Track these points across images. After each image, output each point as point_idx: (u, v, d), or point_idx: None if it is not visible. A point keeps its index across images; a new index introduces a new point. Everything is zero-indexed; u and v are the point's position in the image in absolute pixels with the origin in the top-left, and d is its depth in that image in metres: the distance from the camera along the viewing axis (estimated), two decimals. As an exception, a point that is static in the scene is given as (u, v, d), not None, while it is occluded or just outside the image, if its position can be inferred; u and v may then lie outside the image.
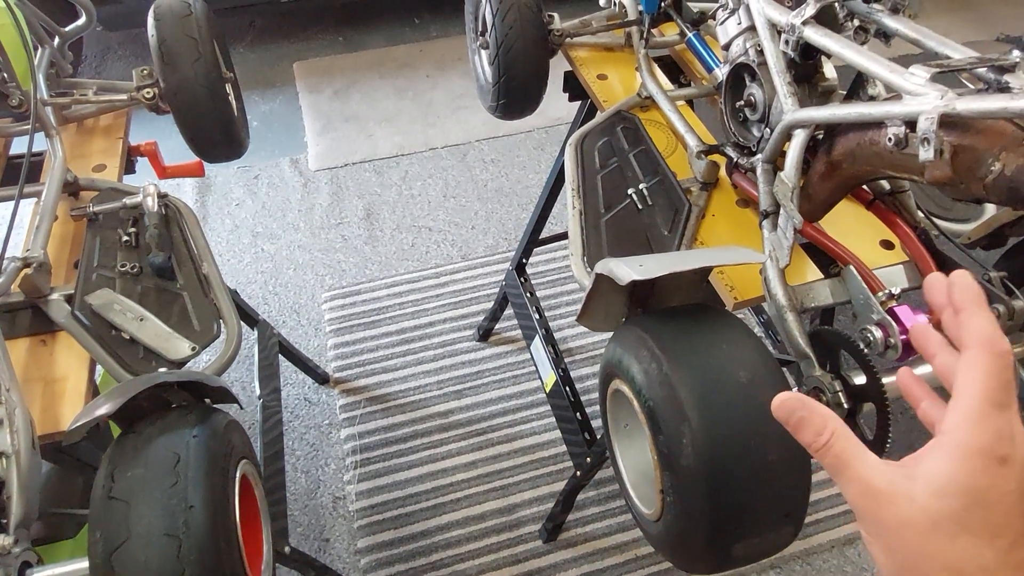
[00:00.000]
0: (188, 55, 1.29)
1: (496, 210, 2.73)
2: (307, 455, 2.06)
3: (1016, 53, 2.34)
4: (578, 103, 1.66)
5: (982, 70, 0.86)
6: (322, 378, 2.20)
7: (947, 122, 0.80)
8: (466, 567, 1.84)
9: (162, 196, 1.20)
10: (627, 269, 0.86)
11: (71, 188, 1.24)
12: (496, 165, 2.90)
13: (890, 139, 0.87)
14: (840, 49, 0.94)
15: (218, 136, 1.38)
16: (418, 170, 2.89)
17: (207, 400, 0.96)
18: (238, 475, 0.84)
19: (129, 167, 1.48)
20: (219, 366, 1.02)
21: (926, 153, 0.79)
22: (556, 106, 1.56)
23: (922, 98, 0.81)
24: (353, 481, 1.99)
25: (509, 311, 2.22)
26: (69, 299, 1.08)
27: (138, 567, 0.70)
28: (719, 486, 0.77)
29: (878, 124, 0.91)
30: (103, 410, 0.79)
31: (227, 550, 0.75)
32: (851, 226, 1.20)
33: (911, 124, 0.84)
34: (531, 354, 1.96)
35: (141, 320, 1.03)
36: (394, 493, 1.97)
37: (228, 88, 1.50)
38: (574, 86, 1.61)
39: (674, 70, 1.62)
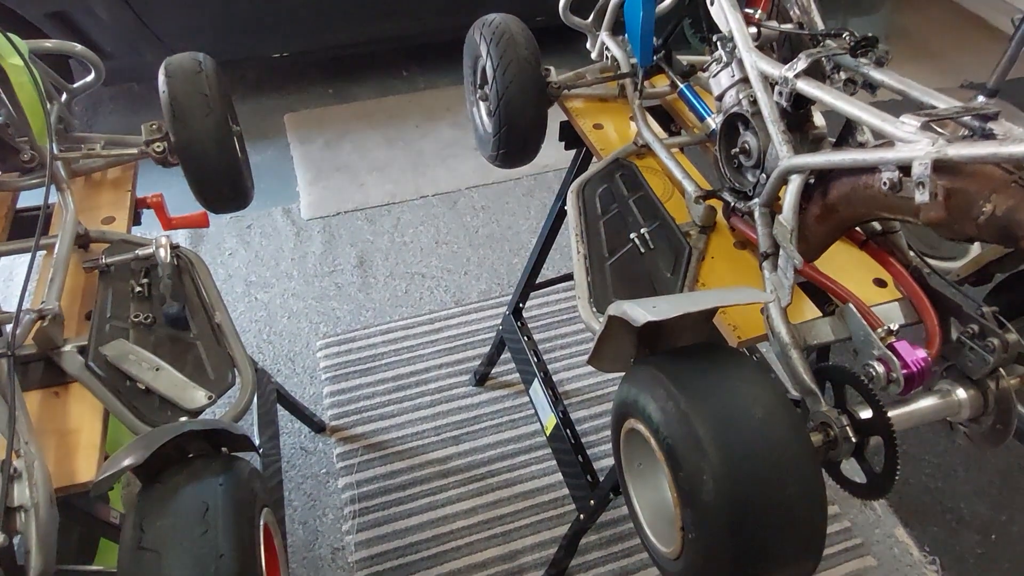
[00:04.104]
0: (199, 111, 1.32)
1: (488, 256, 2.76)
2: (305, 505, 2.03)
3: (980, 99, 2.50)
4: (573, 151, 1.71)
5: (967, 118, 0.91)
6: (318, 426, 2.19)
7: (939, 167, 0.85)
8: (469, 617, 1.81)
9: (174, 247, 1.21)
10: (641, 311, 0.88)
11: (82, 240, 1.26)
12: (486, 212, 2.95)
13: (885, 183, 0.92)
14: (833, 100, 1.00)
15: (226, 188, 1.40)
16: (410, 218, 2.93)
17: (224, 448, 0.97)
18: (262, 523, 0.84)
19: (135, 219, 1.50)
20: (235, 414, 1.03)
21: (922, 196, 0.84)
22: (544, 153, 1.61)
23: (914, 145, 0.86)
24: (352, 531, 1.97)
25: (504, 355, 2.23)
26: (82, 350, 1.08)
27: (170, 618, 0.70)
28: (741, 521, 0.79)
29: (872, 169, 0.96)
30: (129, 460, 0.79)
31: (256, 599, 0.75)
32: (844, 265, 1.24)
33: (904, 169, 0.90)
34: (530, 398, 1.97)
35: (157, 370, 1.03)
36: (394, 542, 1.94)
37: (235, 141, 1.54)
38: (570, 135, 1.67)
39: (664, 118, 1.69)
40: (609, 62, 1.66)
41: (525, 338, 2.02)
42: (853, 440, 0.96)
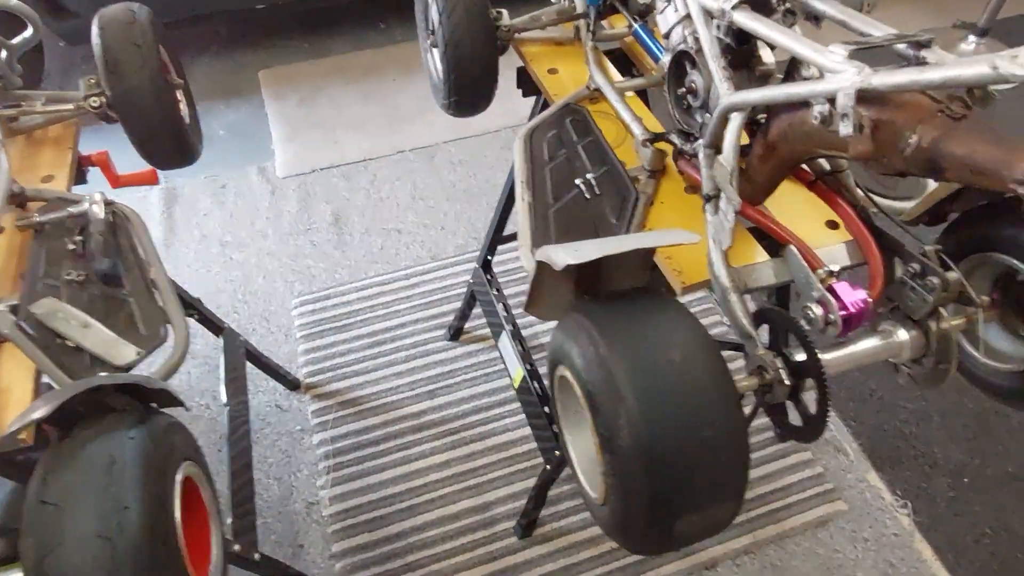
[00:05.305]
0: (133, 63, 1.29)
1: (465, 210, 2.73)
2: (279, 462, 2.05)
3: (971, 39, 2.41)
4: (533, 99, 1.67)
5: (901, 46, 0.87)
6: (293, 384, 2.19)
7: (867, 98, 0.82)
8: (442, 567, 1.84)
9: (108, 203, 1.19)
10: (563, 254, 0.86)
11: (18, 199, 1.24)
12: (464, 166, 2.91)
13: (816, 117, 0.88)
14: (767, 32, 0.96)
15: (168, 143, 1.37)
16: (386, 173, 2.89)
17: (154, 404, 0.96)
18: (179, 477, 0.83)
19: (81, 177, 1.47)
20: (167, 369, 1.02)
21: (846, 128, 0.81)
22: (524, 104, 1.56)
23: (841, 75, 0.83)
24: (326, 486, 1.98)
25: (477, 309, 2.22)
26: (14, 309, 1.07)
27: (72, 571, 0.70)
28: (656, 464, 0.78)
29: (807, 103, 0.93)
30: (37, 414, 0.78)
31: (165, 550, 0.75)
32: (798, 207, 1.21)
33: (834, 101, 0.86)
34: (499, 350, 1.96)
35: (85, 327, 1.02)
36: (368, 496, 1.96)
37: (180, 95, 1.50)
38: (527, 82, 1.62)
39: (628, 63, 1.63)
40: (566, 3, 1.60)
41: (494, 291, 2.00)
42: (787, 383, 0.95)
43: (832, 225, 1.20)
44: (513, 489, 1.97)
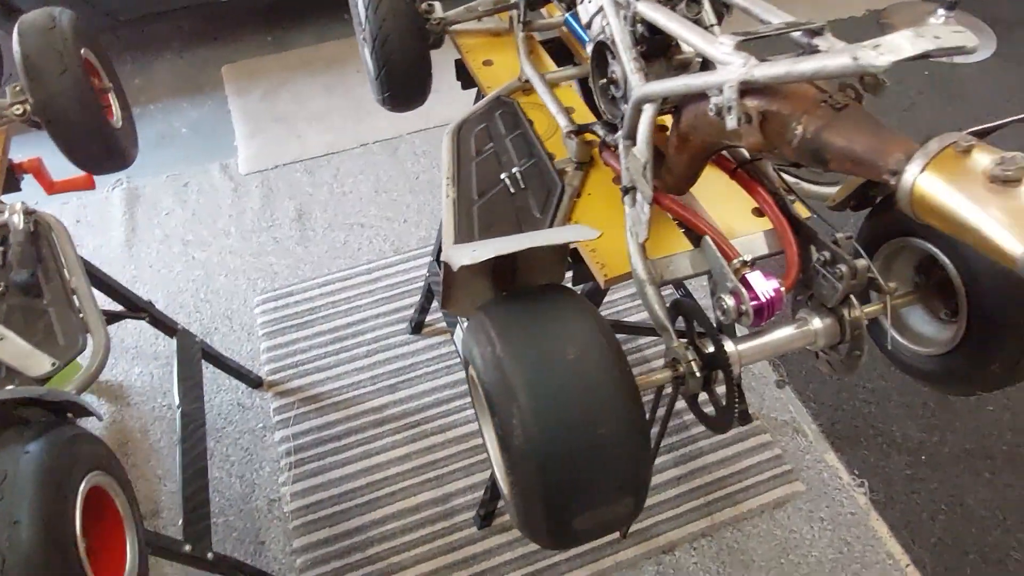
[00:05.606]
0: (53, 68, 1.28)
1: (428, 202, 2.72)
2: (241, 460, 2.06)
3: (940, 12, 2.37)
4: (474, 91, 1.66)
5: (796, 34, 0.87)
6: (255, 382, 2.20)
7: (754, 89, 0.81)
8: (401, 559, 1.85)
9: (29, 212, 1.18)
10: (460, 255, 0.86)
11: (-60, 211, 1.23)
12: (427, 157, 2.90)
13: (711, 109, 0.88)
14: (667, 22, 0.95)
15: (96, 148, 1.36)
16: (349, 167, 2.87)
17: (70, 414, 0.96)
18: (84, 487, 0.83)
19: (14, 185, 1.46)
20: (84, 379, 1.02)
21: (731, 121, 0.80)
22: None
23: (728, 67, 0.82)
24: (288, 482, 1.99)
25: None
26: (-68, 323, 1.06)
27: (-39, 587, 0.70)
28: (548, 464, 0.78)
29: (707, 95, 0.92)
30: (-68, 432, 0.78)
31: (62, 562, 0.75)
32: (726, 196, 1.21)
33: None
34: (454, 343, 1.97)
35: (1, 339, 1.02)
36: (329, 491, 1.97)
37: (110, 98, 1.49)
38: (465, 74, 1.61)
39: (569, 53, 1.62)
40: (502, -7, 1.59)
41: (449, 284, 2.00)
42: (698, 375, 0.95)
43: (759, 213, 1.20)
44: (472, 480, 1.98)
